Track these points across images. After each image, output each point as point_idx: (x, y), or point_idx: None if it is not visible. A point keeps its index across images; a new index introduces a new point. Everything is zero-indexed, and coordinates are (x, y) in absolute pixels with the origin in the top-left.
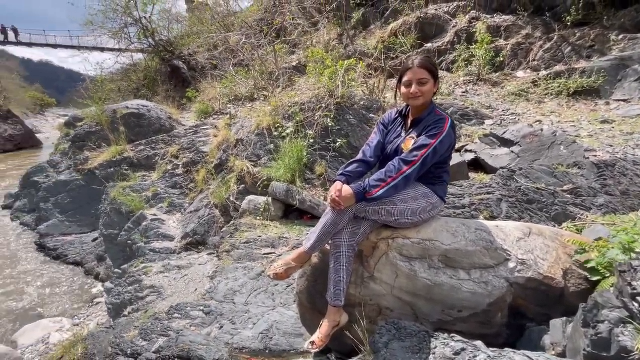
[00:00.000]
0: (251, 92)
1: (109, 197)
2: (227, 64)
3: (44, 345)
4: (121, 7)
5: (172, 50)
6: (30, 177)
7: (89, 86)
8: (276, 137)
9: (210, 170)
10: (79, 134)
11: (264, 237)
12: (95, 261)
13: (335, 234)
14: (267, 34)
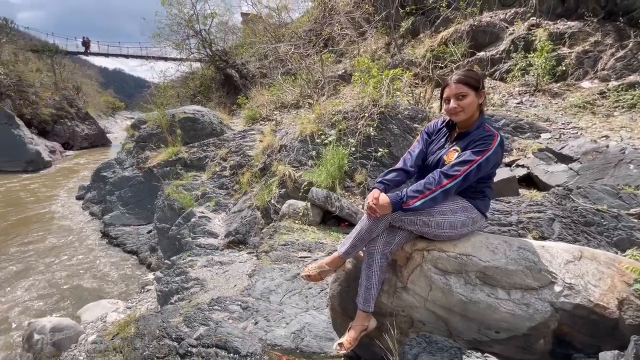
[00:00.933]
0: (297, 99)
1: (164, 194)
2: (275, 73)
3: (102, 323)
4: (185, 20)
5: (226, 60)
6: (100, 172)
7: (153, 92)
8: (318, 144)
9: (254, 173)
10: (142, 135)
11: (301, 241)
12: (148, 251)
13: (370, 241)
14: (315, 43)
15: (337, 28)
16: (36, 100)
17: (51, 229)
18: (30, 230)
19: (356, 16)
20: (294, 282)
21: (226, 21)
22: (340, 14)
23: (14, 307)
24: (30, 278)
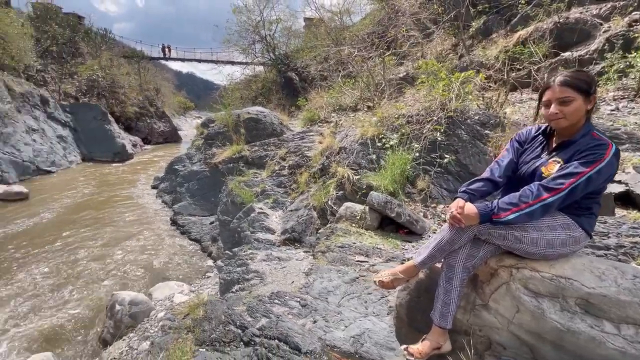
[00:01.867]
0: (355, 102)
1: (227, 189)
2: (335, 75)
3: (169, 302)
4: (252, 26)
5: (287, 63)
6: (172, 166)
7: (221, 93)
8: (379, 148)
9: (312, 173)
10: (210, 133)
11: (358, 245)
12: (210, 241)
13: (450, 253)
14: (378, 46)
15: (403, 30)
16: (124, 100)
17: (130, 213)
18: (114, 210)
19: (422, 17)
20: (353, 285)
21: (290, 26)
22: (405, 15)
23: (99, 277)
24: (112, 252)
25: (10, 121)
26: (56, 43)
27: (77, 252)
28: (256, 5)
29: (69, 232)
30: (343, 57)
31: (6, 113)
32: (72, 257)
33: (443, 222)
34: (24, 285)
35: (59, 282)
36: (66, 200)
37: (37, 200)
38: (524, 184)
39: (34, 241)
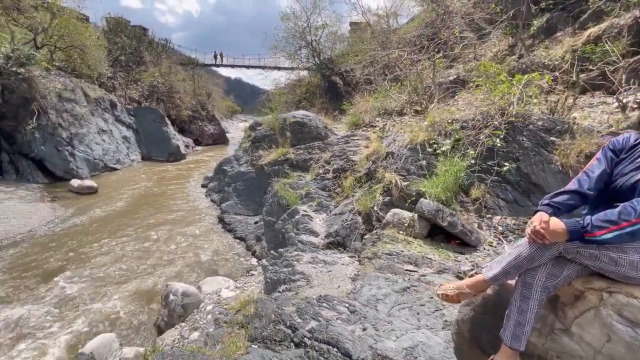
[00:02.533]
0: (401, 106)
1: (273, 190)
2: (380, 79)
3: (217, 296)
4: (298, 32)
5: (332, 68)
6: (221, 166)
7: (269, 97)
8: (429, 154)
9: (357, 178)
10: (257, 136)
11: (407, 253)
12: (254, 240)
13: (528, 270)
14: (427, 48)
15: (456, 31)
16: (180, 104)
17: (182, 209)
18: (168, 207)
19: (476, 17)
20: (404, 295)
21: (335, 31)
22: (457, 15)
23: (155, 265)
24: (166, 244)
25: (85, 123)
26: (124, 53)
27: (136, 242)
28: (303, 12)
29: (130, 225)
30: (390, 60)
31: (82, 116)
32: (132, 247)
33: (500, 234)
34: (93, 270)
35: (121, 268)
36: (128, 195)
37: (104, 194)
38: (619, 198)
39: (101, 231)
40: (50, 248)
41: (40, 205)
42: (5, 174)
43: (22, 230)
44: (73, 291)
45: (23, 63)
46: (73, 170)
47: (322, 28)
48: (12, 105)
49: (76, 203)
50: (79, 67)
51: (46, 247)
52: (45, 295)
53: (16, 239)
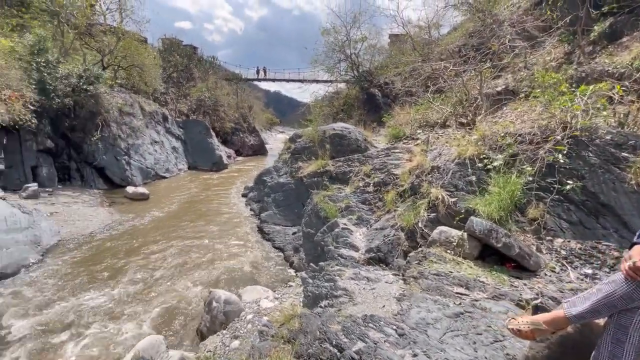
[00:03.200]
0: (444, 118)
1: (312, 202)
2: (421, 91)
3: (256, 306)
4: (338, 46)
5: (370, 80)
6: (261, 177)
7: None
8: (479, 169)
9: (399, 192)
10: (297, 147)
11: (456, 275)
12: (292, 250)
13: (623, 311)
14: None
15: (505, 40)
16: (224, 116)
17: (223, 218)
18: (211, 214)
19: (527, 25)
20: (457, 321)
21: (375, 44)
22: (505, 24)
23: (198, 270)
24: (208, 250)
25: (140, 134)
26: (177, 70)
27: (182, 248)
28: (343, 27)
29: (176, 231)
30: (434, 71)
31: (138, 128)
32: (178, 252)
33: (564, 259)
34: (141, 273)
35: (167, 272)
36: (175, 202)
37: (154, 200)
38: None
39: (150, 236)
40: (105, 250)
41: (100, 210)
42: (72, 180)
43: (84, 232)
44: (122, 292)
45: (92, 81)
46: (128, 177)
47: (362, 41)
48: (81, 119)
49: (130, 209)
50: (138, 83)
51: (102, 249)
52: (92, 296)
53: (80, 240)
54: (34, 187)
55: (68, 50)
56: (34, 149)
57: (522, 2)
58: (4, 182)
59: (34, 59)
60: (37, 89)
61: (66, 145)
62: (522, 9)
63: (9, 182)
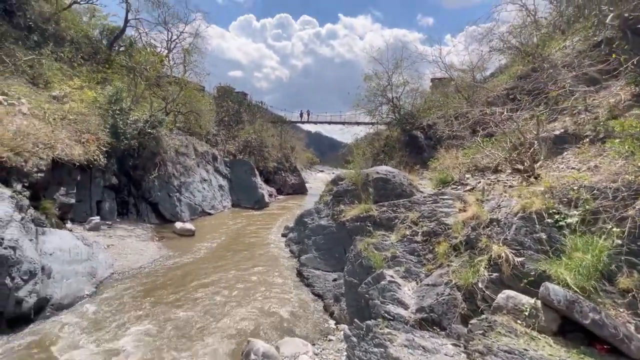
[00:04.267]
0: (496, 163)
1: (356, 249)
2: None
3: None
4: (380, 91)
5: (412, 122)
6: (302, 218)
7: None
8: (550, 226)
9: (453, 245)
10: (339, 190)
11: (533, 354)
12: (332, 299)
13: None
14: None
15: (566, 84)
16: (267, 156)
17: (263, 258)
18: (252, 254)
19: (589, 70)
20: None
21: (417, 88)
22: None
23: (236, 315)
24: (247, 294)
25: (192, 173)
26: (228, 114)
27: (221, 290)
28: (385, 73)
29: (217, 271)
30: (483, 115)
31: (191, 167)
32: (217, 294)
33: None
34: (181, 314)
35: (204, 315)
36: (218, 240)
37: (199, 237)
38: None
39: (192, 274)
40: (151, 286)
41: (150, 244)
42: (129, 214)
43: (134, 266)
44: (163, 330)
45: (155, 125)
46: (178, 213)
47: (403, 85)
48: (143, 158)
49: (177, 244)
50: (193, 126)
51: (147, 285)
52: (137, 330)
53: (129, 274)
54: (96, 220)
55: (139, 99)
56: (101, 185)
57: (576, 44)
58: (72, 215)
59: (111, 107)
60: (110, 133)
61: (128, 182)
62: (576, 51)
63: (76, 215)
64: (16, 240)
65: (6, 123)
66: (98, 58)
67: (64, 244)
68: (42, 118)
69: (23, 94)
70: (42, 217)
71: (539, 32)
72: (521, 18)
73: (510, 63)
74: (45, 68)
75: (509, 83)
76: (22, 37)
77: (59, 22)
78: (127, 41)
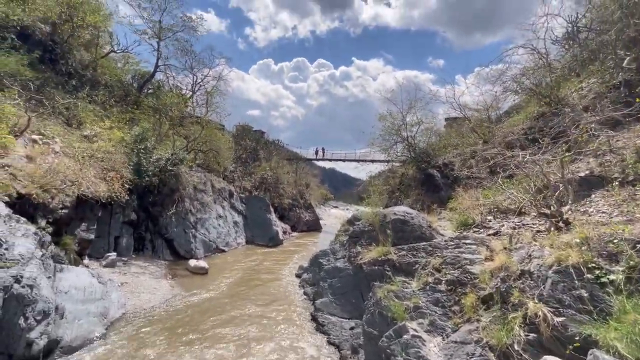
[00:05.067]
0: (519, 205)
1: (375, 297)
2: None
3: None
4: (394, 130)
5: (428, 160)
6: (317, 259)
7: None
8: (590, 282)
9: (481, 297)
10: (355, 230)
11: None
12: (349, 350)
13: None
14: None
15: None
16: (282, 193)
17: (276, 300)
18: (265, 295)
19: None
20: None
21: (431, 127)
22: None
23: None
24: (260, 341)
25: (208, 209)
26: (246, 152)
27: (232, 335)
28: (399, 113)
29: (229, 312)
30: (504, 157)
31: (208, 203)
32: (226, 337)
33: None
34: (189, 356)
35: None
36: (231, 278)
37: (212, 275)
38: None
39: (204, 315)
40: (162, 328)
41: (163, 283)
42: (145, 250)
43: (146, 306)
44: None
45: (176, 163)
46: (192, 250)
47: (418, 124)
48: (163, 195)
49: (190, 283)
50: (212, 164)
51: (159, 326)
52: None
53: (141, 314)
54: (112, 257)
55: (162, 137)
56: (120, 220)
57: (593, 86)
58: (90, 250)
59: (136, 145)
60: (133, 170)
61: (146, 218)
62: (594, 93)
63: (94, 250)
64: (34, 279)
65: (39, 161)
66: (128, 100)
67: (80, 282)
68: (72, 156)
69: (57, 133)
70: (62, 253)
71: (552, 75)
72: (533, 61)
73: (525, 103)
74: (80, 110)
75: (526, 123)
76: (63, 82)
77: (97, 68)
78: (156, 84)
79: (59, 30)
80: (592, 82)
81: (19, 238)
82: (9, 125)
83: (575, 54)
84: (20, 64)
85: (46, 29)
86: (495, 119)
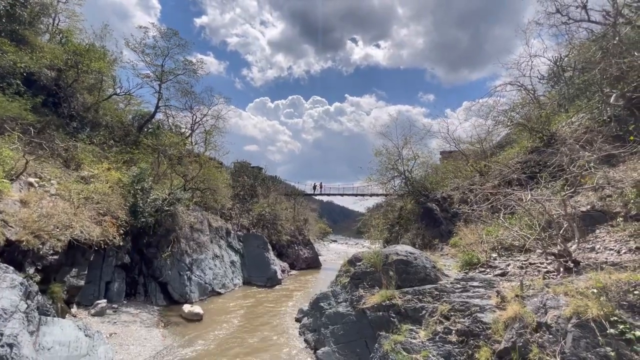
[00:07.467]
0: (522, 242)
1: (381, 349)
2: (486, 208)
3: None
4: (391, 165)
5: (426, 194)
6: (318, 302)
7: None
8: (615, 338)
9: (496, 351)
10: (356, 272)
11: None
12: None
13: None
14: (542, 178)
15: (589, 163)
16: (281, 230)
17: (276, 351)
18: (263, 344)
19: (605, 150)
20: None
21: (427, 161)
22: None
23: None
24: None
25: (204, 249)
26: (243, 189)
27: None
28: (395, 148)
29: None
30: (503, 194)
31: (204, 243)
32: None
33: None
34: None
35: None
36: (227, 326)
37: (207, 322)
38: None
39: None
40: None
41: (155, 332)
42: (137, 294)
43: None
44: None
45: (173, 203)
46: (187, 294)
47: (414, 159)
48: (158, 236)
49: (183, 331)
50: (209, 202)
51: None
52: None
53: None
54: (102, 304)
55: (160, 177)
56: (112, 264)
57: (582, 120)
58: (79, 297)
59: (133, 187)
60: (129, 211)
61: (140, 260)
62: (584, 127)
63: (83, 298)
64: (15, 336)
65: (33, 206)
66: (127, 140)
67: (65, 336)
68: (67, 198)
69: (55, 175)
70: (49, 302)
71: (542, 110)
72: (520, 97)
73: (517, 136)
74: (79, 151)
75: (521, 157)
76: (64, 124)
77: (98, 110)
78: (155, 124)
79: (63, 76)
80: (581, 117)
81: (3, 290)
82: (6, 169)
83: (563, 91)
84: (23, 108)
85: (51, 75)
86: (490, 152)
